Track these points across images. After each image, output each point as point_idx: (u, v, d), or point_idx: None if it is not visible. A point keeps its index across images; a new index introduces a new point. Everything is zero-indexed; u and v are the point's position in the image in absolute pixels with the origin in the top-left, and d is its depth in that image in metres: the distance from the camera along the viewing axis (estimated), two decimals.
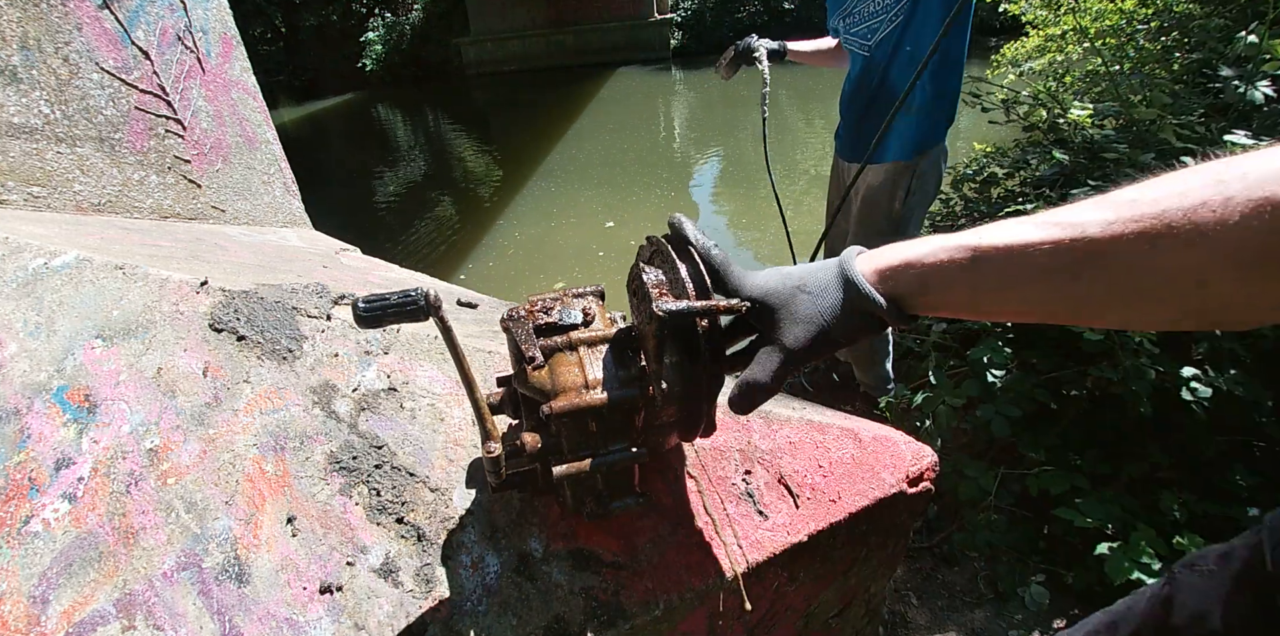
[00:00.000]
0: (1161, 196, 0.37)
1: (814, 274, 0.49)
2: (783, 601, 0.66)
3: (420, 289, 0.45)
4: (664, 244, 0.53)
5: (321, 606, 0.58)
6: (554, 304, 0.56)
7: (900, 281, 0.46)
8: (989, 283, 0.43)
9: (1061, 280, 0.40)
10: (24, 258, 0.90)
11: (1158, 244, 0.36)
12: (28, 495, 0.70)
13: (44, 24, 1.11)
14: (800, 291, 0.49)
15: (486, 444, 0.50)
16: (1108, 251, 0.38)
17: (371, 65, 16.17)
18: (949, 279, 0.44)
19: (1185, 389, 1.45)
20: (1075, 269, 0.39)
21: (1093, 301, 0.40)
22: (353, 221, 6.23)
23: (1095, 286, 0.39)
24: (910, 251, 0.46)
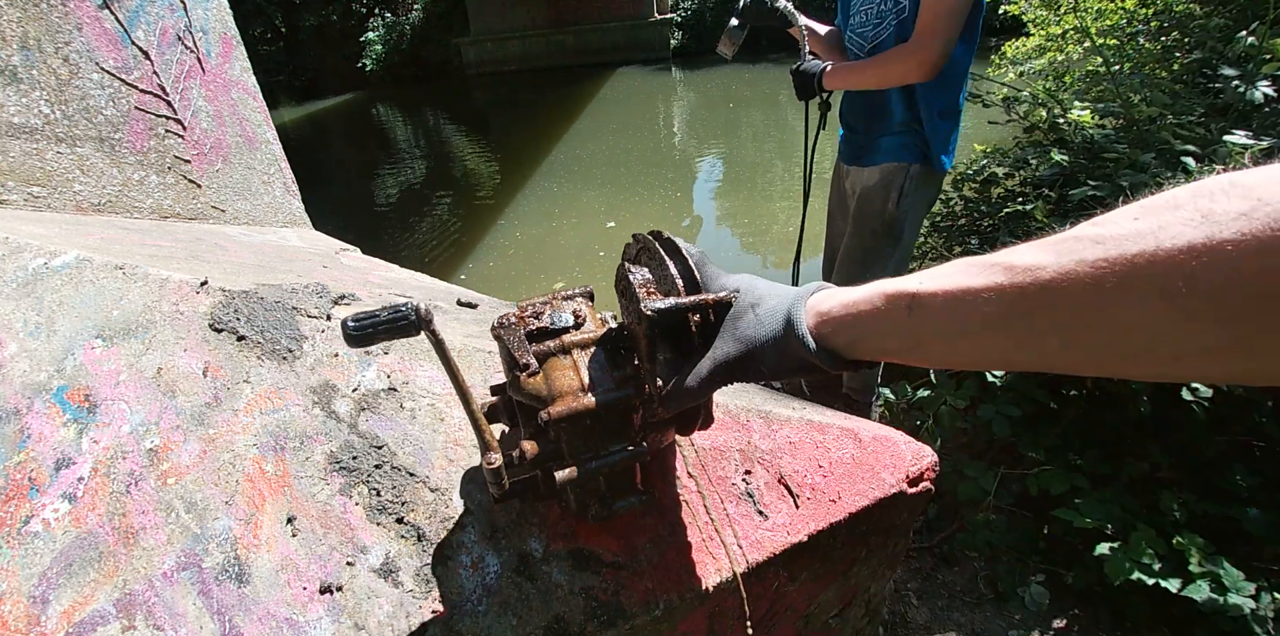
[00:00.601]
0: (1130, 234, 0.31)
1: (771, 297, 0.48)
2: (783, 601, 0.66)
3: (410, 303, 0.45)
4: (651, 240, 0.53)
5: (321, 606, 0.58)
6: (544, 308, 0.56)
7: (838, 329, 0.44)
8: (929, 333, 0.39)
9: (1011, 332, 0.36)
10: (24, 258, 0.90)
11: (1123, 294, 0.31)
12: (28, 495, 0.70)
13: (44, 24, 1.11)
14: (751, 310, 0.48)
15: (486, 455, 0.50)
16: (1060, 302, 0.33)
17: (371, 65, 16.17)
18: (886, 329, 0.42)
19: (1186, 389, 1.45)
20: (1024, 320, 0.35)
21: (1049, 355, 0.35)
22: (353, 221, 6.23)
23: (1049, 339, 0.35)
24: (850, 296, 0.44)
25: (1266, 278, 0.27)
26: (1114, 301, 0.31)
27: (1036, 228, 2.22)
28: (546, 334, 0.54)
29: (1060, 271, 0.33)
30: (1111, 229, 0.32)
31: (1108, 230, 0.32)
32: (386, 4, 17.18)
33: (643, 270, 0.52)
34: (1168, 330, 0.31)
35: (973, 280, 0.37)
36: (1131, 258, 0.31)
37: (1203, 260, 0.28)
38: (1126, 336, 0.32)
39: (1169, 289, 0.29)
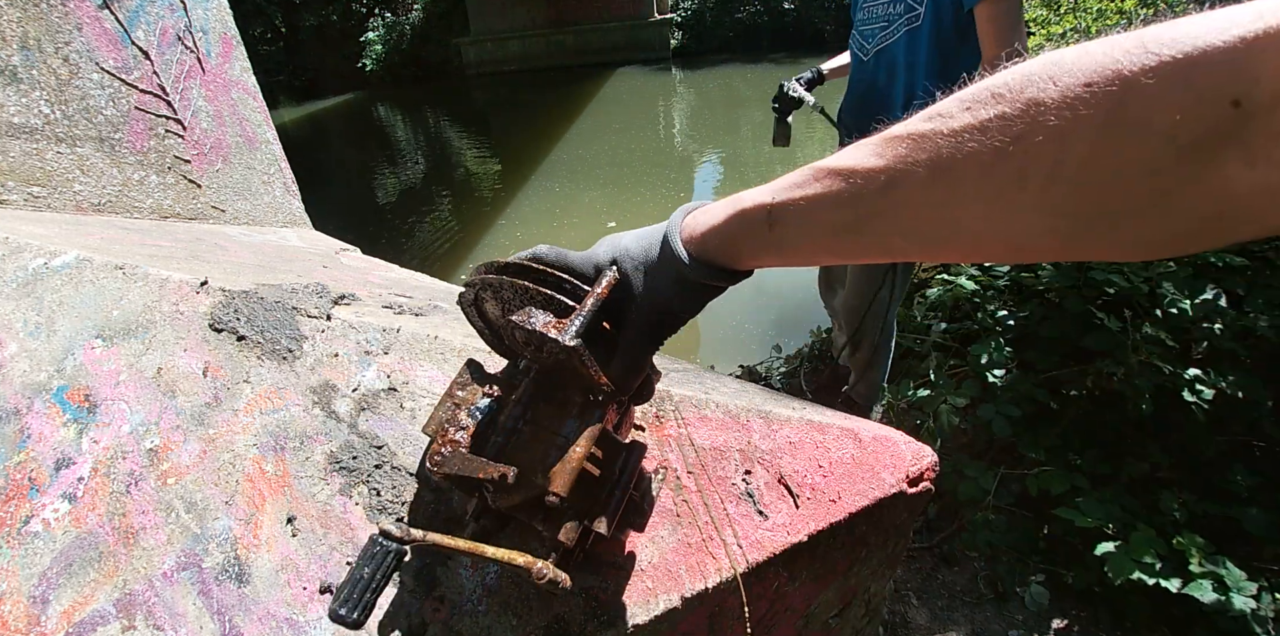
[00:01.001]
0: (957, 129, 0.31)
1: (644, 236, 0.50)
2: (783, 601, 0.66)
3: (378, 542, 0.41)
4: (490, 277, 0.50)
5: (321, 606, 0.58)
6: (454, 414, 0.52)
7: (711, 246, 0.46)
8: (790, 241, 0.42)
9: (860, 234, 0.38)
10: (24, 258, 0.90)
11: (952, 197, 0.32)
12: (28, 495, 0.70)
13: (44, 24, 1.11)
14: (629, 257, 0.49)
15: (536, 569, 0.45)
16: (896, 206, 0.35)
17: (371, 65, 16.17)
18: (754, 242, 0.44)
19: (1187, 389, 1.45)
20: (869, 224, 0.37)
21: (897, 251, 0.38)
22: (353, 221, 6.23)
23: (894, 239, 0.37)
24: (713, 218, 0.46)
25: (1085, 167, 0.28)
26: (945, 203, 0.33)
27: None
28: (483, 436, 0.51)
29: (893, 176, 0.34)
30: (925, 125, 0.33)
31: (921, 127, 0.33)
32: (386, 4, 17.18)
33: (526, 312, 0.49)
34: (998, 226, 0.32)
35: (820, 188, 0.39)
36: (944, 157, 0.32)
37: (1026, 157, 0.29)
38: (961, 232, 0.34)
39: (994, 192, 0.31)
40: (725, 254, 0.46)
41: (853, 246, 0.40)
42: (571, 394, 0.51)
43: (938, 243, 0.36)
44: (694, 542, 0.60)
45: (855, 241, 0.39)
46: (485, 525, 0.54)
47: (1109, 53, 0.28)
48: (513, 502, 0.49)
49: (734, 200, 0.45)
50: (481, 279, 0.51)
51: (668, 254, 0.46)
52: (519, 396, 0.51)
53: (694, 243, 0.46)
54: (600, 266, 0.50)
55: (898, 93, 1.56)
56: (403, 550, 0.42)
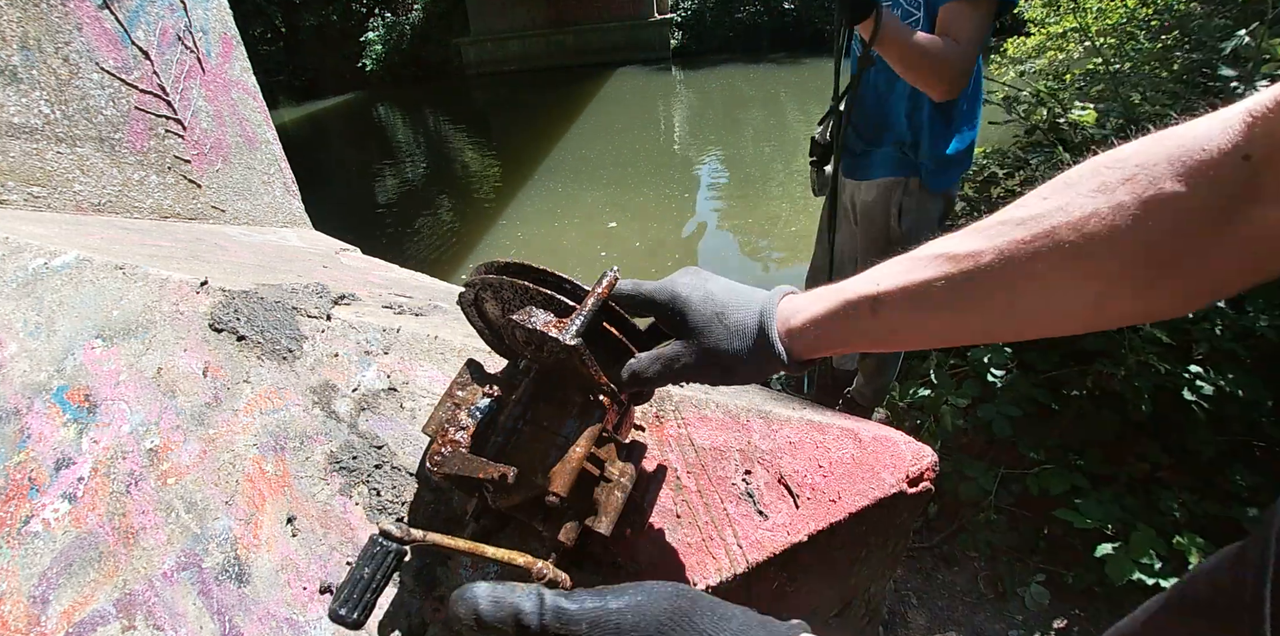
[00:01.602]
0: (1045, 211, 0.37)
1: (736, 309, 0.49)
2: (783, 601, 0.66)
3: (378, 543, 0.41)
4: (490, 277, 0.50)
5: (321, 606, 0.58)
6: (454, 414, 0.52)
7: (807, 340, 0.47)
8: (890, 327, 0.44)
9: (961, 313, 0.41)
10: (24, 258, 0.90)
11: (1050, 262, 0.37)
12: (28, 495, 0.70)
13: (44, 24, 1.11)
14: (719, 320, 0.49)
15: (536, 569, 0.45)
16: (1000, 279, 0.39)
17: (371, 65, 16.17)
18: (853, 333, 0.46)
19: (1187, 388, 1.45)
20: (971, 301, 0.40)
21: (994, 326, 0.42)
22: (353, 221, 6.23)
23: (993, 314, 0.40)
24: (815, 309, 0.47)
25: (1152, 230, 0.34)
26: (1043, 270, 0.38)
27: None
28: (483, 436, 0.50)
29: (996, 253, 0.39)
30: (1028, 210, 0.39)
31: (1025, 212, 0.39)
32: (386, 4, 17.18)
33: (527, 311, 0.49)
34: (1085, 287, 0.37)
35: (923, 273, 0.42)
36: (1050, 230, 0.37)
37: (1104, 222, 0.35)
38: (1053, 298, 0.39)
39: (1083, 250, 0.36)
40: (814, 344, 0.47)
41: (950, 325, 0.43)
42: (571, 394, 0.51)
43: (1019, 314, 0.40)
44: (694, 542, 0.60)
45: (954, 319, 0.42)
46: (485, 525, 0.54)
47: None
48: (513, 502, 0.49)
49: (836, 290, 0.47)
50: (481, 279, 0.51)
51: (764, 346, 0.47)
52: (519, 396, 0.51)
53: (788, 335, 0.48)
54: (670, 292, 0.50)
55: (897, 97, 1.56)
56: (403, 550, 0.41)
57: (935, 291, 0.41)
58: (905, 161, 1.59)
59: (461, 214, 6.32)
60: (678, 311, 0.49)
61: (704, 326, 0.48)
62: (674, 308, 0.49)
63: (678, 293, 0.50)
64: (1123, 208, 0.34)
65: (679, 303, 0.49)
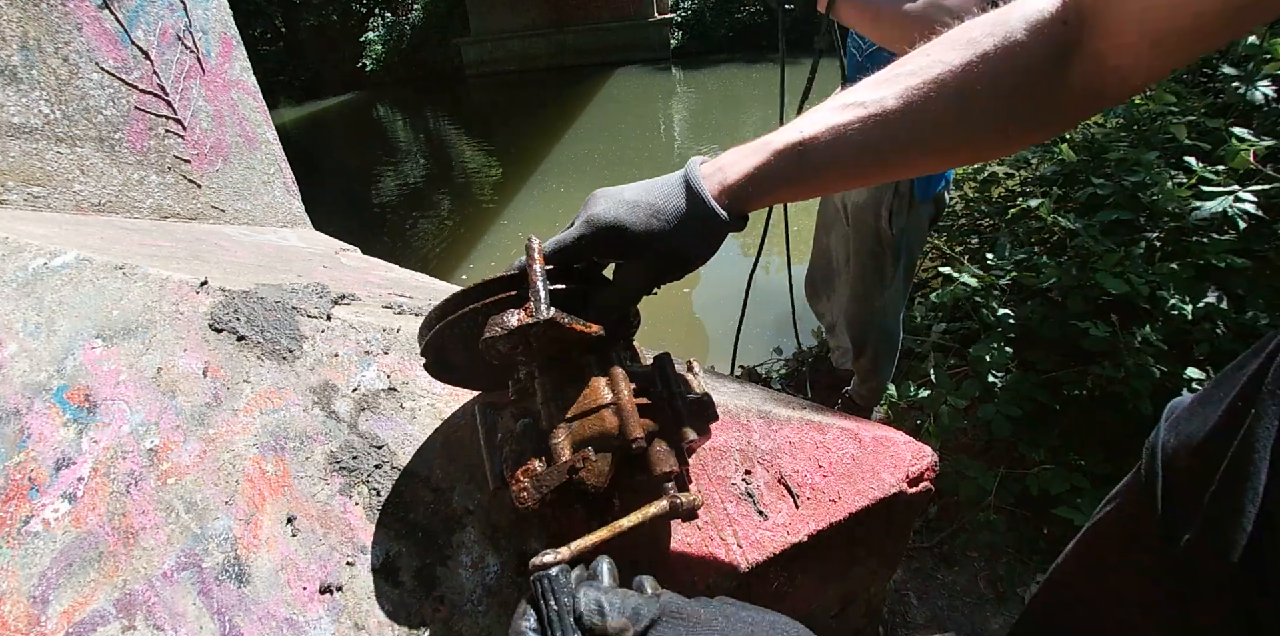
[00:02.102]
0: (931, 63, 0.46)
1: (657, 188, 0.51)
2: (783, 601, 0.66)
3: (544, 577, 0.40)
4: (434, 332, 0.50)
5: (321, 606, 0.58)
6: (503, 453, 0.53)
7: (740, 193, 0.50)
8: (814, 170, 0.49)
9: (872, 153, 0.48)
10: (24, 258, 0.90)
11: (940, 103, 0.46)
12: (28, 495, 0.70)
13: (44, 24, 1.11)
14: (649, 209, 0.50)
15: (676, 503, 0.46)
16: (904, 119, 0.47)
17: (371, 65, 16.16)
18: (783, 179, 0.50)
19: (1187, 389, 1.44)
20: (882, 142, 0.48)
21: (891, 166, 0.50)
22: (353, 221, 6.23)
23: (893, 153, 0.48)
24: (749, 163, 0.50)
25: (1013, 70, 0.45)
26: (936, 110, 0.46)
27: (1038, 226, 2.22)
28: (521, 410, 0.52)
29: (897, 98, 0.47)
30: (917, 64, 0.47)
31: (915, 65, 0.47)
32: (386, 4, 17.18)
33: (493, 324, 0.49)
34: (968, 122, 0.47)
35: (841, 118, 0.48)
36: (937, 78, 0.46)
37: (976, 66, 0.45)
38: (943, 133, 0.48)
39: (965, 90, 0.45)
40: (748, 196, 0.50)
41: (864, 164, 0.49)
42: (580, 360, 0.51)
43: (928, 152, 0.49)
44: (694, 542, 0.60)
45: (868, 160, 0.49)
46: (591, 508, 0.54)
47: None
48: (607, 473, 0.49)
49: (763, 145, 0.51)
50: (427, 343, 0.52)
51: (699, 210, 0.49)
52: (543, 396, 0.51)
53: (719, 189, 0.50)
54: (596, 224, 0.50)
55: None
56: (565, 567, 0.41)
57: (853, 133, 0.48)
58: None
59: (462, 214, 6.32)
60: (603, 227, 0.50)
61: (636, 220, 0.49)
62: (599, 229, 0.50)
63: (592, 215, 0.51)
64: (988, 55, 0.44)
65: (597, 220, 0.50)
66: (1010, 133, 0.48)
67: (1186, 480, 0.53)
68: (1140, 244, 1.66)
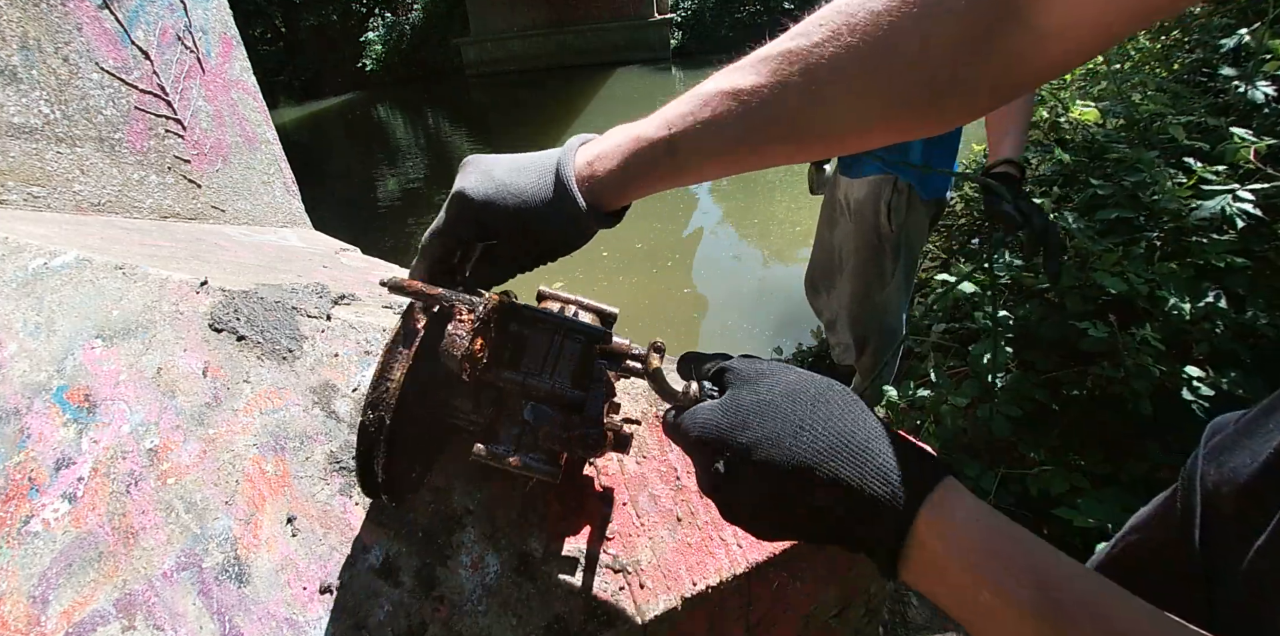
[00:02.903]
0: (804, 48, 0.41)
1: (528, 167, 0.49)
2: (783, 602, 0.66)
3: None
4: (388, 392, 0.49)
5: (321, 606, 0.58)
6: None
7: (612, 185, 0.47)
8: (687, 164, 0.46)
9: (747, 143, 0.44)
10: (24, 258, 0.90)
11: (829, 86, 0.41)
12: (28, 495, 0.70)
13: (44, 24, 1.11)
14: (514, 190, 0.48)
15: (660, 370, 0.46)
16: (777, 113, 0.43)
17: (372, 65, 16.17)
18: (652, 172, 0.47)
19: (1186, 389, 1.45)
20: (756, 133, 0.44)
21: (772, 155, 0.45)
22: (353, 221, 6.23)
23: (774, 145, 0.44)
24: (616, 156, 0.47)
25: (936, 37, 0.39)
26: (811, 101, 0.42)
27: None
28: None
29: (773, 90, 0.42)
30: (792, 44, 0.42)
31: (789, 45, 0.42)
32: (386, 4, 17.18)
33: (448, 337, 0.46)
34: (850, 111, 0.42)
35: (713, 110, 0.44)
36: (813, 66, 0.41)
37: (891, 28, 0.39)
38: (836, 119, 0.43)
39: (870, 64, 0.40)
40: (619, 190, 0.48)
41: (740, 156, 0.46)
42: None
43: (813, 139, 0.44)
44: (694, 542, 0.60)
45: (743, 151, 0.45)
46: None
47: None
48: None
49: (628, 137, 0.47)
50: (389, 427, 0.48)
51: (567, 206, 0.47)
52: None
53: (589, 182, 0.48)
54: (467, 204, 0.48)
55: None
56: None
57: (724, 128, 0.44)
58: (894, 166, 1.60)
59: None
60: (470, 207, 0.48)
61: (503, 204, 0.47)
62: (466, 209, 0.48)
63: (462, 189, 0.48)
64: (908, 12, 0.38)
65: (465, 199, 0.48)
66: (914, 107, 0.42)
67: (1231, 522, 0.48)
68: (1140, 244, 1.66)
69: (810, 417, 0.36)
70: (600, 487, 0.62)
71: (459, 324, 0.46)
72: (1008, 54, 0.39)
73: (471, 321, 0.46)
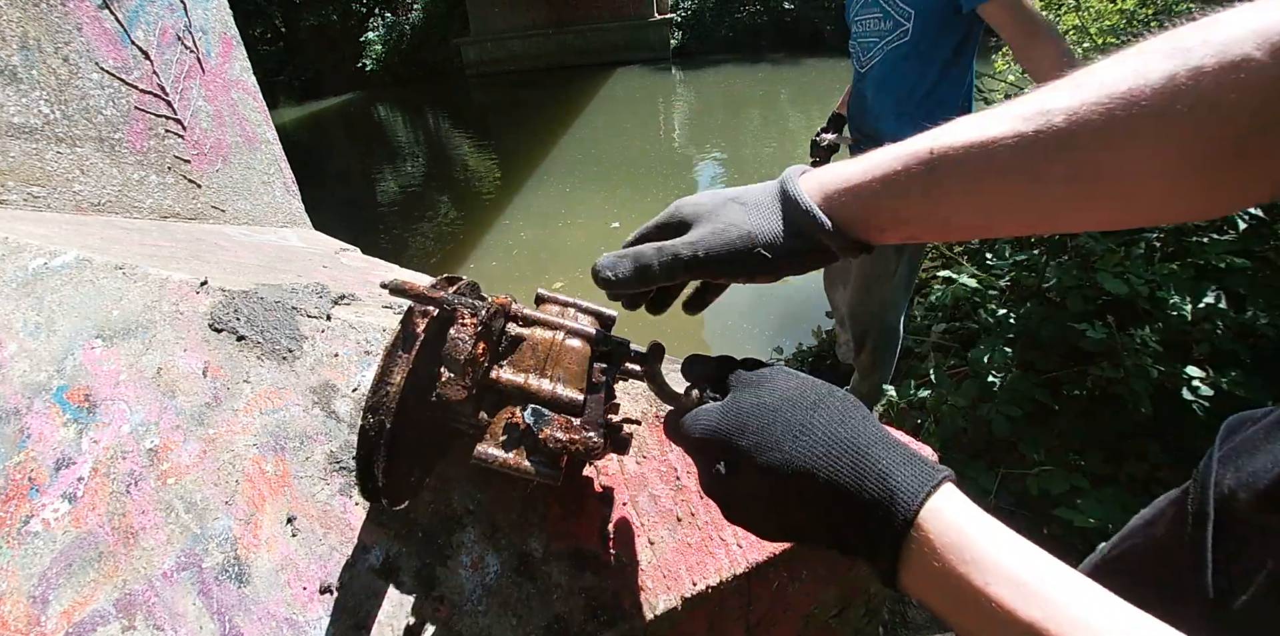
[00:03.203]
0: (1125, 74, 0.34)
1: (750, 189, 0.45)
2: (783, 601, 0.66)
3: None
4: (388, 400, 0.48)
5: (321, 606, 0.58)
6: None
7: (851, 199, 0.41)
8: (947, 188, 0.38)
9: (1026, 179, 0.36)
10: (24, 258, 0.90)
11: (1128, 128, 0.33)
12: (28, 495, 0.70)
13: (44, 24, 1.11)
14: (733, 202, 0.44)
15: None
16: (1074, 142, 0.34)
17: (372, 65, 16.17)
18: (904, 188, 0.39)
19: (1186, 388, 1.45)
20: (1041, 166, 0.36)
21: (1054, 202, 0.37)
22: (353, 221, 6.23)
23: (1056, 184, 0.36)
24: (857, 165, 0.41)
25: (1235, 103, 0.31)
26: (1119, 137, 0.33)
27: None
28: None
29: (1071, 113, 0.34)
30: (1102, 74, 0.35)
31: (1099, 76, 0.35)
32: (386, 4, 17.18)
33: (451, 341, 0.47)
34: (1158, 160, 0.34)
35: (990, 129, 0.37)
36: (1127, 93, 0.33)
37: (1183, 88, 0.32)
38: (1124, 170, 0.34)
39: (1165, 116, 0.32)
40: (859, 206, 0.41)
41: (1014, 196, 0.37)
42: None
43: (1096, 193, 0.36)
44: (694, 542, 0.60)
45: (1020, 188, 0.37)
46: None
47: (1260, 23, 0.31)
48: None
49: (882, 151, 0.41)
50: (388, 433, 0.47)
51: (795, 211, 0.41)
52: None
53: (823, 190, 0.42)
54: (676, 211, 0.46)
55: (886, 108, 1.56)
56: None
57: (1001, 149, 0.36)
58: None
59: (462, 213, 6.32)
60: (688, 216, 0.45)
61: (717, 209, 0.43)
62: (682, 213, 0.45)
63: (681, 205, 0.46)
64: (1203, 71, 0.31)
65: (687, 207, 0.45)
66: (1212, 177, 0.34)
67: (1247, 530, 0.45)
68: (1140, 244, 1.66)
69: (810, 422, 0.36)
70: (600, 488, 0.62)
71: (461, 328, 0.46)
72: None
73: (474, 325, 0.46)
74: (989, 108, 0.39)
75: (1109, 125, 0.34)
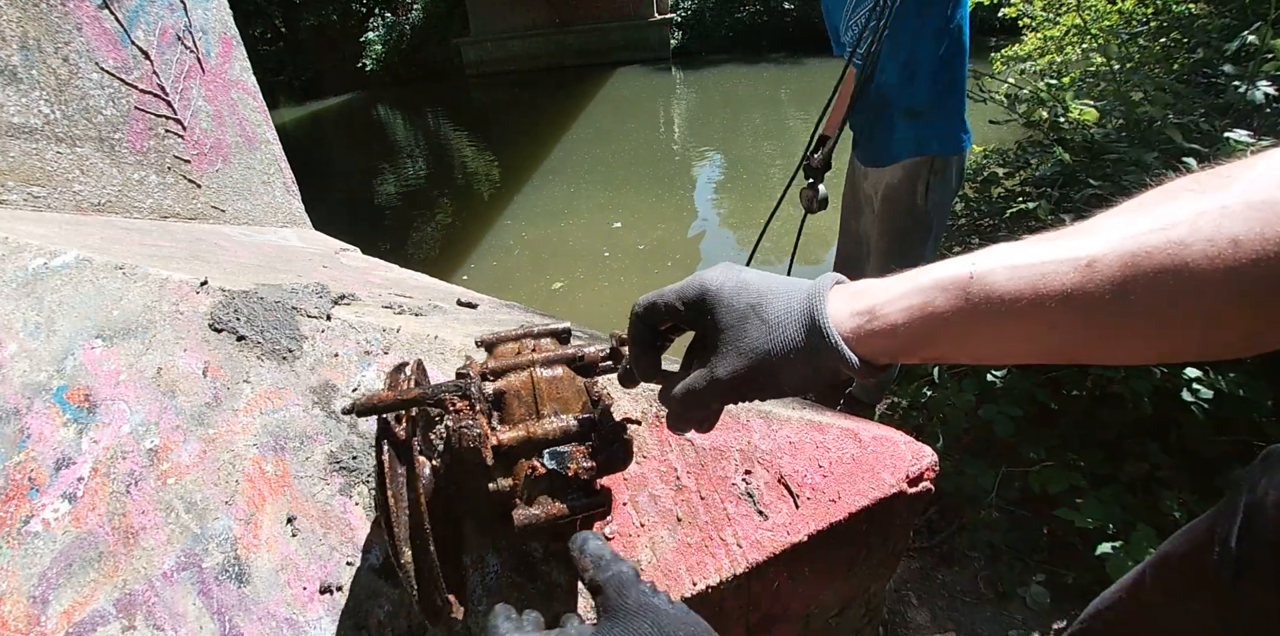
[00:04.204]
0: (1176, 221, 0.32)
1: (776, 298, 0.42)
2: (783, 601, 0.66)
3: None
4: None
5: (321, 606, 0.58)
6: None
7: (878, 333, 0.39)
8: (984, 326, 0.36)
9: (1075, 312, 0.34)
10: (24, 258, 0.90)
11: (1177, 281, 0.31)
12: (28, 495, 0.70)
13: (44, 24, 1.10)
14: (755, 315, 0.41)
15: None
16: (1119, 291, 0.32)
17: (372, 65, 16.17)
18: (936, 324, 0.38)
19: (1185, 389, 1.45)
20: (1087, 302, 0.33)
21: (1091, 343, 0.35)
22: (353, 221, 6.23)
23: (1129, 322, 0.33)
24: (886, 293, 0.40)
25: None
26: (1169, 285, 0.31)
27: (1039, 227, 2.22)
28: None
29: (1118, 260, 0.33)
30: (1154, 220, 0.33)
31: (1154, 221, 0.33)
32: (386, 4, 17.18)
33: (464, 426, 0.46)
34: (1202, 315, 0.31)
35: (1030, 256, 0.35)
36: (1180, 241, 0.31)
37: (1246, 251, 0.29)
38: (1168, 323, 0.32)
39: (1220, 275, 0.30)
40: (886, 340, 0.39)
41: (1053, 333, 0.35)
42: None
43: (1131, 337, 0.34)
44: (694, 542, 0.60)
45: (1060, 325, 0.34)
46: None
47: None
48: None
49: (914, 273, 0.39)
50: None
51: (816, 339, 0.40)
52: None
53: (851, 329, 0.40)
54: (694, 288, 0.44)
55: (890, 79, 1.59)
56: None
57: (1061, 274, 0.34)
58: (922, 137, 1.60)
59: (462, 214, 6.32)
60: (707, 308, 0.43)
61: (736, 322, 0.41)
62: (703, 303, 0.43)
63: (707, 286, 0.43)
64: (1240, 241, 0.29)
65: (709, 297, 0.43)
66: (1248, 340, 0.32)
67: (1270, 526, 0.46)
68: None
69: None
70: (600, 488, 0.62)
71: (458, 415, 0.44)
72: None
73: (468, 405, 0.45)
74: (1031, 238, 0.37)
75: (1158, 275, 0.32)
